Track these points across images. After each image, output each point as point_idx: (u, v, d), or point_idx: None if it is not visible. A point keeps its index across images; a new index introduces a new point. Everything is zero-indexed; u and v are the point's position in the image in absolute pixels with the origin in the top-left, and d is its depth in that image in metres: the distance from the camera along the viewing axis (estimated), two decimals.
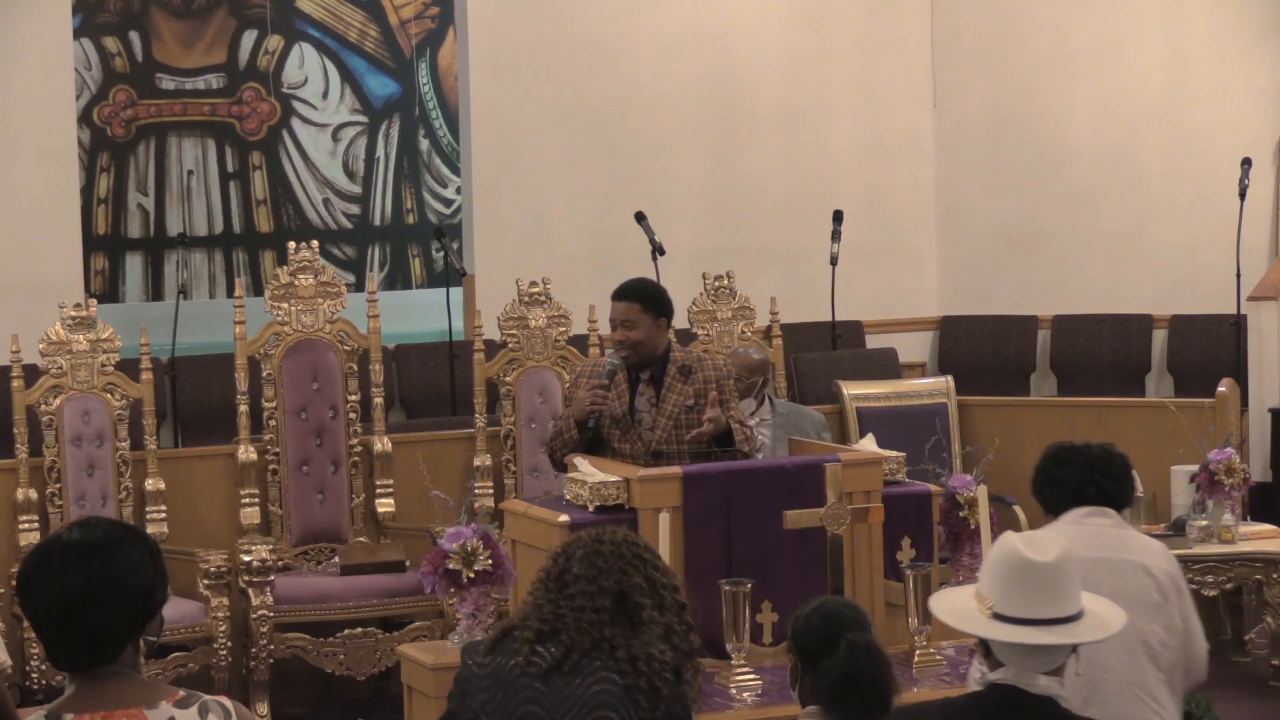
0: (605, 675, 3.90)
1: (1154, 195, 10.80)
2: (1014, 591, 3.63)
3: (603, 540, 4.04)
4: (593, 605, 3.93)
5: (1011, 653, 3.63)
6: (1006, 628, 3.62)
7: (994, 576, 3.70)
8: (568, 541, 4.10)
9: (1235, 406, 8.79)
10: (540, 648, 3.93)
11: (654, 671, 3.93)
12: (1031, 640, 3.60)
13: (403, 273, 15.10)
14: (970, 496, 6.51)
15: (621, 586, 3.95)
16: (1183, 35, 10.77)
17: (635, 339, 6.65)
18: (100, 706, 3.08)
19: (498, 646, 4.02)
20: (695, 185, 10.66)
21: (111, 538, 3.11)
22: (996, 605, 3.64)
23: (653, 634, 3.95)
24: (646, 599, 3.97)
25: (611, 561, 3.99)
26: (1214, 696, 7.52)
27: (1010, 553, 3.68)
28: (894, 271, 11.05)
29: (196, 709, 3.13)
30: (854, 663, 3.93)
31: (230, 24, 14.49)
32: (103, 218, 14.03)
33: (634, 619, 3.95)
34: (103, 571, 3.06)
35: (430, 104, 15.11)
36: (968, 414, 9.48)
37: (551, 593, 3.99)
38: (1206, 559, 7.92)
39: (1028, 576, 3.64)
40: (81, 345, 8.07)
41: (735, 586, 5.69)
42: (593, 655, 3.91)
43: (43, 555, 3.10)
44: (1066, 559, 3.68)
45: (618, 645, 3.92)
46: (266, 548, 7.83)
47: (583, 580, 3.95)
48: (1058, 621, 3.63)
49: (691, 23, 10.65)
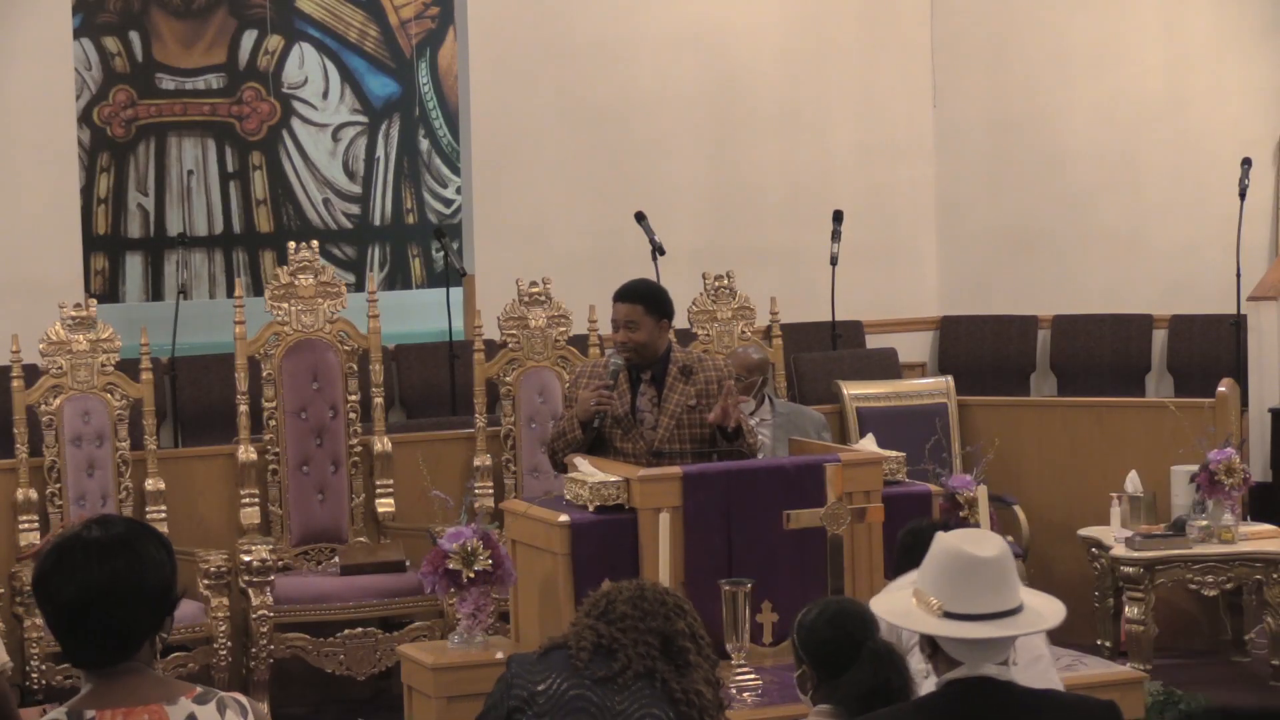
0: (656, 702, 3.94)
1: (1154, 195, 10.79)
2: (962, 589, 3.67)
3: (645, 588, 4.12)
4: (643, 640, 4.01)
5: (964, 648, 3.66)
6: (959, 625, 3.65)
7: (938, 575, 3.72)
8: (605, 589, 4.15)
9: (1235, 406, 8.79)
10: (596, 660, 3.99)
11: (704, 708, 4.00)
12: (984, 635, 3.65)
13: (403, 273, 15.10)
14: (970, 496, 6.52)
15: (666, 631, 4.02)
16: (1182, 35, 10.76)
17: (638, 340, 6.65)
18: (120, 703, 3.10)
19: (549, 654, 4.07)
20: (695, 185, 10.65)
21: (132, 535, 3.13)
22: (946, 604, 3.67)
23: (698, 676, 4.02)
24: (689, 644, 4.04)
25: (655, 606, 4.05)
26: (1214, 696, 7.55)
27: (954, 551, 3.71)
28: (894, 271, 11.04)
29: (215, 705, 3.15)
30: (881, 673, 3.99)
31: (230, 24, 14.49)
32: (103, 218, 14.03)
33: (679, 662, 4.02)
34: (125, 568, 3.08)
35: (430, 104, 15.11)
36: (968, 414, 9.47)
37: (601, 622, 4.05)
38: (1206, 559, 7.92)
39: (973, 573, 3.68)
40: (81, 345, 8.07)
41: (735, 586, 5.69)
42: (644, 681, 3.98)
43: (63, 552, 3.11)
44: (1006, 553, 3.73)
45: (669, 679, 3.99)
46: (266, 548, 7.83)
47: (630, 618, 4.03)
48: (1004, 615, 3.68)
49: (691, 23, 10.65)
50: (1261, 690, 8.04)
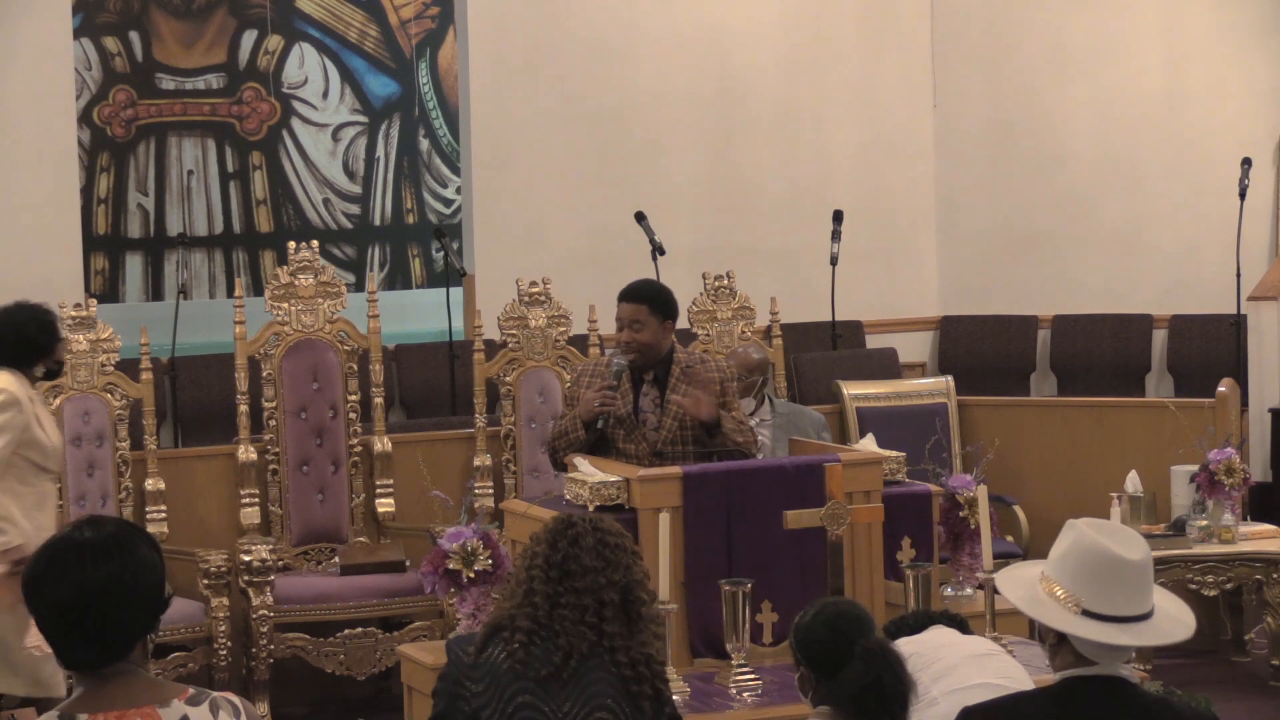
0: (605, 691, 3.88)
1: (1153, 195, 10.79)
2: (1103, 589, 3.61)
3: (604, 531, 3.99)
4: (597, 600, 3.90)
5: (1095, 647, 3.62)
6: (1099, 627, 3.60)
7: (1078, 569, 3.65)
8: (559, 527, 4.01)
9: (1235, 406, 8.79)
10: (536, 649, 3.88)
11: (655, 674, 3.92)
12: (1123, 641, 3.61)
13: (403, 273, 15.10)
14: (970, 496, 6.51)
15: (627, 581, 3.94)
16: (1182, 35, 10.76)
17: (643, 340, 6.65)
18: (113, 705, 3.10)
19: (489, 643, 3.97)
20: (695, 185, 10.65)
21: (124, 536, 3.13)
22: (1086, 602, 3.61)
23: (648, 632, 3.94)
24: (645, 593, 3.97)
25: (619, 555, 3.96)
26: (1214, 696, 7.54)
27: (1100, 549, 3.64)
28: (894, 271, 11.04)
29: (207, 706, 3.15)
30: (874, 671, 3.97)
31: (230, 24, 14.50)
32: (103, 218, 14.03)
33: (632, 614, 3.93)
34: (119, 569, 3.08)
35: (430, 104, 15.11)
36: (968, 414, 9.47)
37: (551, 584, 3.93)
38: (1206, 559, 7.93)
39: (1118, 575, 3.62)
40: (81, 345, 8.07)
41: (735, 586, 5.69)
42: (591, 658, 3.89)
43: (54, 554, 3.10)
44: (1149, 556, 3.68)
45: (617, 648, 3.89)
46: (266, 548, 7.83)
47: (593, 573, 3.91)
48: (1139, 619, 3.64)
49: (691, 22, 10.65)
50: (1262, 690, 8.04)
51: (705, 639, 6.06)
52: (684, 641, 6.04)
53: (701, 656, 6.06)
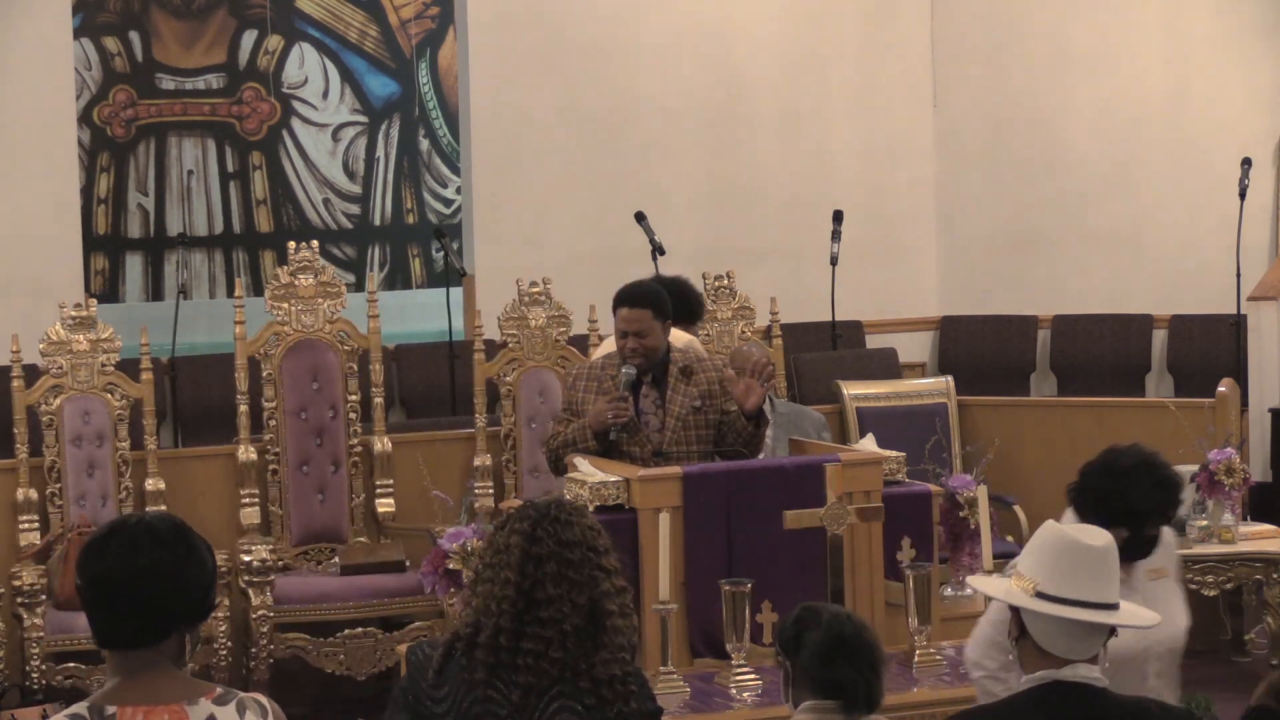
0: (569, 706, 3.74)
1: (1154, 195, 10.79)
2: (1059, 572, 3.65)
3: (567, 543, 3.80)
4: (560, 631, 3.74)
5: (1051, 632, 3.64)
6: (1049, 605, 3.63)
7: (1039, 557, 3.70)
8: (524, 544, 3.79)
9: (1235, 406, 8.79)
10: (500, 684, 3.75)
11: (618, 696, 3.77)
12: (1075, 617, 3.62)
13: (403, 273, 15.10)
14: (970, 496, 6.51)
15: (593, 596, 3.78)
16: (1182, 36, 10.76)
17: (650, 346, 6.63)
18: (142, 700, 3.14)
19: (446, 667, 3.81)
20: (695, 185, 10.65)
21: (184, 531, 3.21)
22: (1041, 584, 3.65)
23: (615, 644, 3.79)
24: (614, 603, 3.80)
25: (583, 571, 3.78)
26: (1214, 696, 7.55)
27: (1060, 536, 3.70)
28: (894, 271, 11.04)
29: (234, 706, 3.18)
30: (834, 627, 3.99)
31: (230, 24, 14.50)
32: (103, 218, 14.03)
33: (599, 627, 3.77)
34: (170, 556, 3.14)
35: (430, 104, 15.11)
36: (968, 414, 9.47)
37: (517, 616, 3.75)
38: (1206, 559, 7.93)
39: (1075, 558, 3.66)
40: (81, 345, 8.07)
41: (735, 586, 5.69)
42: (554, 690, 3.74)
43: (115, 529, 3.18)
44: (1113, 548, 3.71)
45: (580, 673, 3.75)
46: (266, 548, 7.84)
47: (556, 602, 3.75)
48: (1100, 606, 3.65)
49: (691, 23, 10.65)
50: None
51: (705, 639, 6.06)
52: (684, 641, 6.04)
53: (701, 656, 6.06)
